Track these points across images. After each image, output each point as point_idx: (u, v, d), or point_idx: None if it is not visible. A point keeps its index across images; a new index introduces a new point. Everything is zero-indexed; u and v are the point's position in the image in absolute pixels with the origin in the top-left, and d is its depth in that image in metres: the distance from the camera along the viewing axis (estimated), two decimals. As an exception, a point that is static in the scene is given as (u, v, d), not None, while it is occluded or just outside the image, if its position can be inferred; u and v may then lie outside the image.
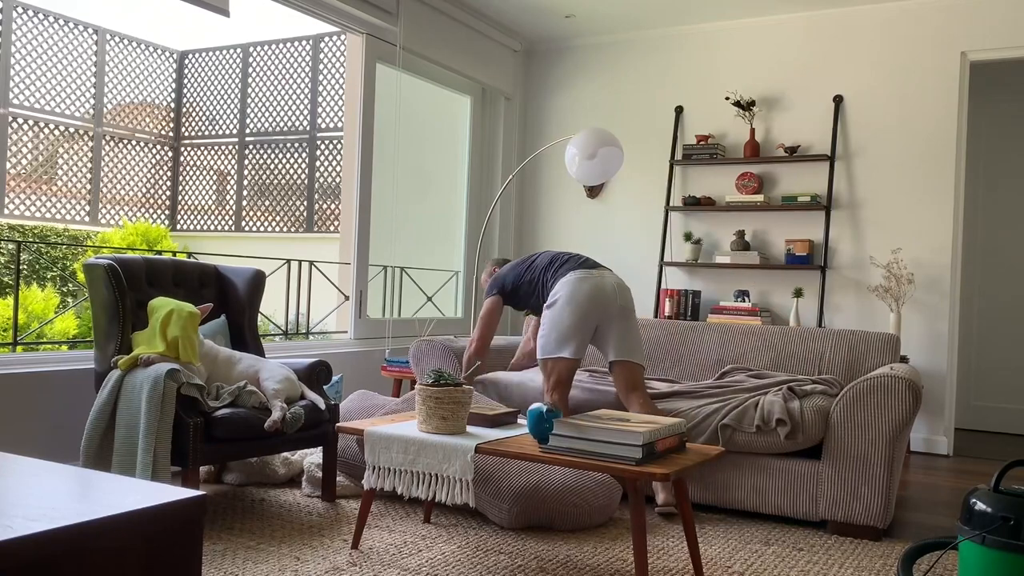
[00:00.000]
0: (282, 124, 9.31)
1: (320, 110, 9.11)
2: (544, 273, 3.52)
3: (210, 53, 9.70)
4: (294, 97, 9.23)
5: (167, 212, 9.81)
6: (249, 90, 9.50)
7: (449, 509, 3.33)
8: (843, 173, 5.27)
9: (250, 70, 9.49)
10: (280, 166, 9.35)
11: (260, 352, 3.65)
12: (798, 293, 5.21)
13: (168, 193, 9.81)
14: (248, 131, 9.53)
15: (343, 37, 8.58)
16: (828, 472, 3.22)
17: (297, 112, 9.23)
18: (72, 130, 8.71)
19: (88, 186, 8.86)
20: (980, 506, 2.38)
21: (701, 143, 5.54)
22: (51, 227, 8.54)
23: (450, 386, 2.68)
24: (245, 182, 9.57)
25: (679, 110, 5.75)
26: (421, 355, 4.11)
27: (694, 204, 5.54)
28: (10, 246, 7.93)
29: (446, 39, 5.41)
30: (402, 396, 3.75)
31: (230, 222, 9.65)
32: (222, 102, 9.65)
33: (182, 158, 9.88)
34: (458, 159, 6.09)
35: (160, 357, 3.02)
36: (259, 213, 9.49)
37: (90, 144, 8.86)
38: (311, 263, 5.39)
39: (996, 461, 4.87)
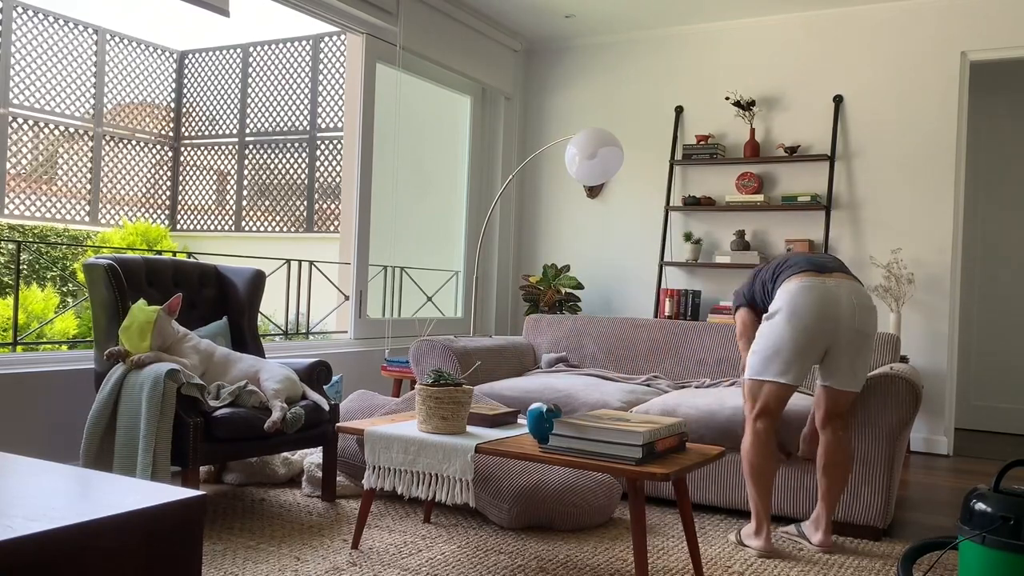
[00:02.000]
0: (282, 124, 9.31)
1: (320, 110, 9.11)
2: (772, 276, 3.00)
3: (210, 53, 9.70)
4: (294, 97, 9.23)
5: (167, 212, 9.81)
6: (249, 90, 9.50)
7: (449, 509, 3.33)
8: (843, 173, 5.27)
9: (250, 70, 9.49)
10: (280, 166, 9.35)
11: (260, 352, 3.65)
12: (798, 293, 5.20)
13: (168, 193, 9.82)
14: (248, 131, 9.53)
15: (343, 37, 8.59)
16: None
17: (297, 112, 9.23)
18: (72, 130, 8.71)
19: (88, 186, 8.86)
20: (980, 506, 2.38)
21: (701, 143, 5.54)
22: (51, 227, 8.54)
23: (450, 386, 2.68)
24: (245, 182, 9.57)
25: (679, 110, 5.75)
26: (421, 355, 4.11)
27: (694, 204, 5.54)
28: (10, 246, 7.93)
29: (446, 39, 5.41)
30: (402, 396, 3.75)
31: (230, 222, 9.65)
32: (222, 102, 9.65)
33: (182, 158, 9.88)
34: (458, 159, 6.09)
35: (154, 356, 3.02)
36: (259, 213, 9.49)
37: (90, 144, 8.86)
38: (311, 263, 5.39)
39: (996, 461, 4.87)
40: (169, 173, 9.80)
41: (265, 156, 9.46)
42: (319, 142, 9.13)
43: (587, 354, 4.49)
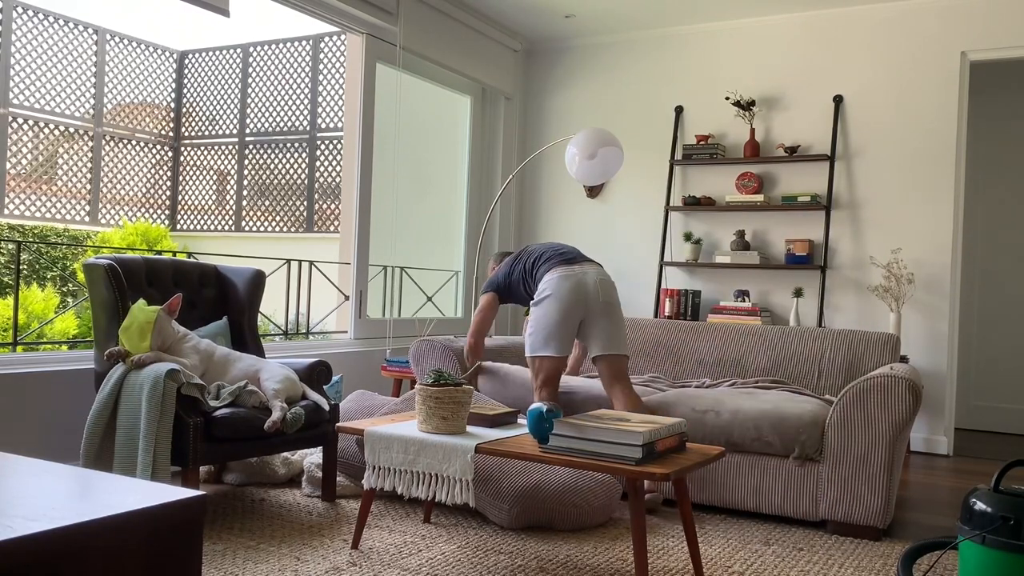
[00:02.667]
0: (282, 124, 9.31)
1: (320, 110, 9.11)
2: (531, 269, 3.59)
3: (210, 53, 9.70)
4: (294, 97, 9.23)
5: (167, 212, 9.81)
6: (249, 90, 9.50)
7: (449, 509, 3.33)
8: (843, 173, 5.27)
9: (250, 70, 9.49)
10: (280, 166, 9.35)
11: (260, 352, 3.65)
12: (798, 293, 5.21)
13: (168, 193, 9.82)
14: (248, 131, 9.53)
15: (343, 37, 8.59)
16: (828, 472, 3.22)
17: (297, 112, 9.23)
18: (72, 130, 8.71)
19: (88, 186, 8.86)
20: (980, 506, 2.38)
21: (701, 143, 5.54)
22: (51, 227, 8.54)
23: (450, 386, 2.68)
24: (245, 182, 9.57)
25: (679, 110, 5.75)
26: (421, 355, 4.11)
27: (694, 204, 5.54)
28: (10, 246, 7.93)
29: (446, 39, 5.41)
30: (402, 396, 3.75)
31: (230, 222, 9.65)
32: (222, 102, 9.65)
33: (182, 158, 9.88)
34: (458, 159, 6.09)
35: (155, 356, 3.02)
36: (259, 213, 9.49)
37: (90, 144, 8.86)
38: (311, 263, 5.39)
39: (996, 461, 4.87)
40: (169, 173, 9.80)
41: (265, 156, 9.46)
42: (319, 142, 9.13)
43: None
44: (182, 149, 9.88)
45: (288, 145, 9.29)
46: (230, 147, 9.63)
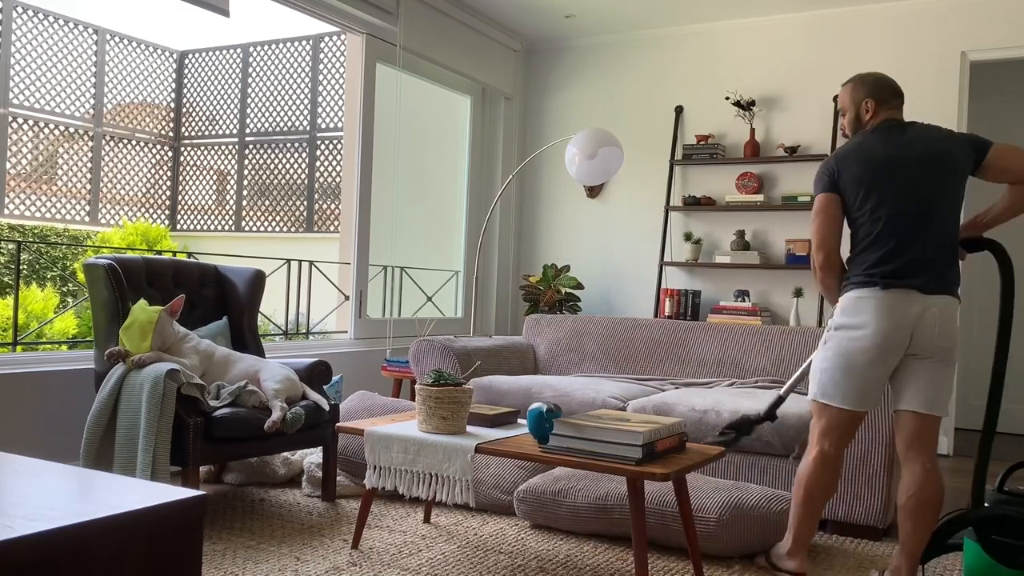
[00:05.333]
0: (282, 124, 9.31)
1: (320, 110, 9.11)
2: (860, 233, 2.59)
3: (210, 53, 9.70)
4: (294, 97, 9.23)
5: (167, 212, 9.81)
6: (249, 90, 9.50)
7: (449, 509, 3.33)
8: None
9: (250, 70, 9.49)
10: (280, 166, 9.35)
11: (260, 352, 3.65)
12: (798, 293, 5.21)
13: (168, 193, 9.82)
14: (248, 131, 9.53)
15: (343, 37, 8.59)
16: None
17: (297, 112, 9.23)
18: (72, 130, 8.71)
19: (88, 186, 8.86)
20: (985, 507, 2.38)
21: (701, 143, 5.54)
22: (51, 227, 8.54)
23: (450, 386, 2.68)
24: (245, 182, 9.57)
25: (679, 110, 5.75)
26: (421, 355, 4.12)
27: (694, 204, 5.54)
28: (10, 246, 7.93)
29: (446, 39, 5.41)
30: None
31: (230, 222, 9.65)
32: (222, 102, 9.65)
33: (182, 158, 9.88)
34: (458, 159, 6.09)
35: (155, 356, 3.03)
36: (259, 213, 9.49)
37: (90, 144, 8.86)
38: (311, 263, 5.39)
39: (997, 461, 4.87)
40: (169, 173, 9.80)
41: (265, 156, 9.46)
42: (319, 142, 9.13)
43: (587, 354, 4.49)
44: (182, 149, 9.88)
45: (288, 145, 9.29)
46: (230, 147, 9.63)
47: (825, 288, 2.65)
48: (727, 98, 5.51)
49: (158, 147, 9.68)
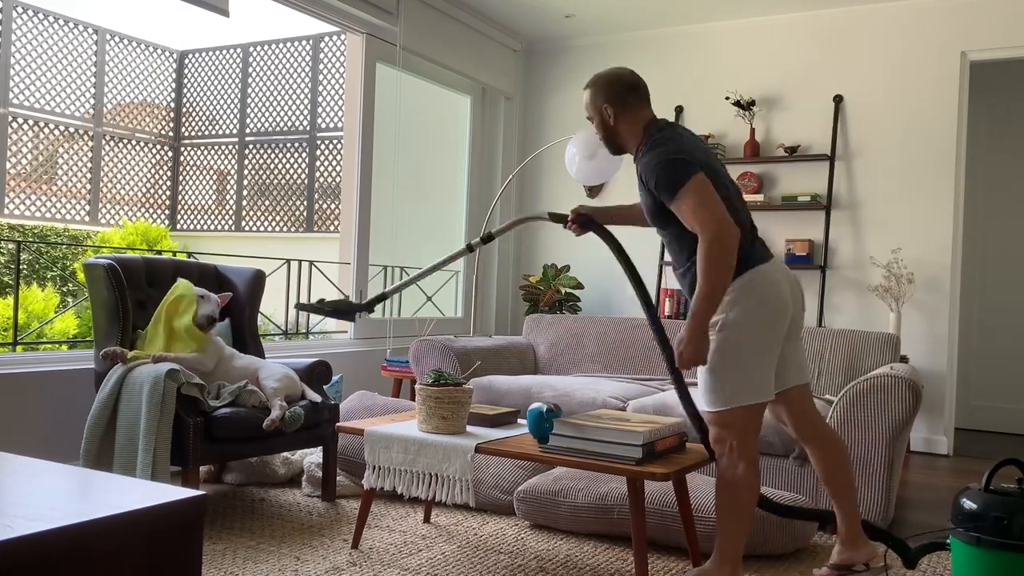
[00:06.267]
0: (282, 124, 9.31)
1: (320, 110, 9.11)
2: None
3: (210, 53, 9.70)
4: (294, 97, 9.23)
5: (167, 212, 9.81)
6: (249, 90, 9.50)
7: (449, 509, 3.33)
8: (843, 173, 5.27)
9: (250, 70, 9.49)
10: (280, 166, 9.35)
11: (260, 352, 3.65)
12: (798, 293, 5.21)
13: (168, 193, 9.82)
14: (248, 131, 9.53)
15: (343, 37, 8.58)
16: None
17: (297, 112, 9.23)
18: (72, 130, 8.71)
19: (88, 186, 8.86)
20: (971, 505, 2.38)
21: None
22: (51, 227, 8.54)
23: (450, 386, 2.69)
24: (245, 182, 9.57)
25: (679, 110, 5.75)
26: (421, 355, 4.12)
27: (694, 204, 5.53)
28: (10, 246, 7.93)
29: (446, 39, 5.41)
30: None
31: (230, 222, 9.65)
32: (222, 102, 9.65)
33: (182, 158, 9.88)
34: (458, 159, 6.08)
35: (174, 357, 3.04)
36: (259, 213, 9.49)
37: (90, 144, 8.86)
38: (311, 263, 5.39)
39: (993, 461, 4.87)
40: (169, 173, 9.80)
41: (265, 156, 9.46)
42: (319, 142, 9.13)
43: (587, 354, 4.49)
44: (182, 149, 9.88)
45: (288, 145, 9.29)
46: (230, 147, 9.63)
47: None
48: (727, 98, 5.51)
49: (158, 147, 9.68)
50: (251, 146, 9.53)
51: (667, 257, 5.65)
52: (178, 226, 9.83)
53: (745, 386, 2.34)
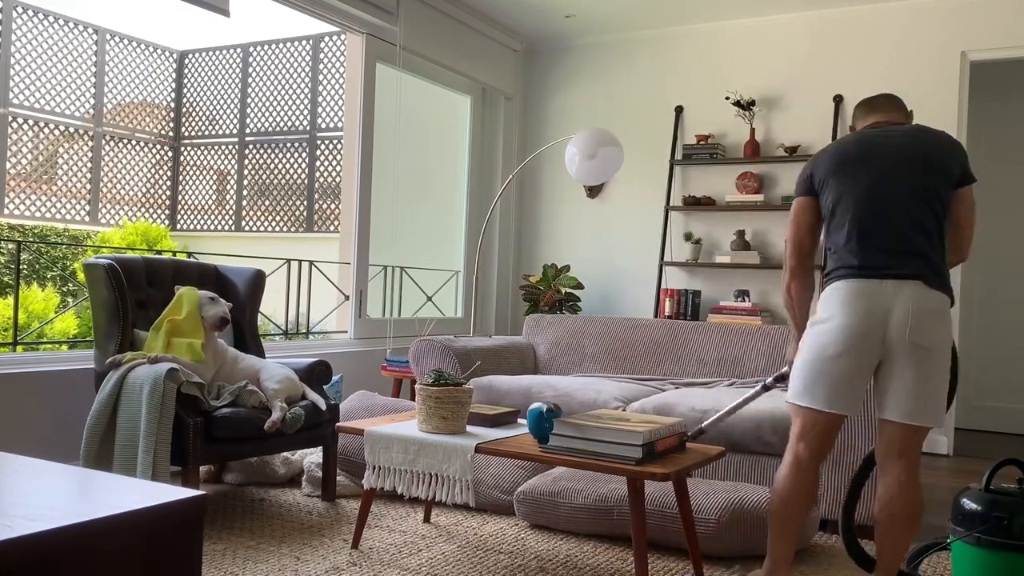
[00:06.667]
0: (282, 124, 9.31)
1: (320, 110, 9.10)
2: (831, 227, 2.43)
3: (210, 53, 9.70)
4: (294, 97, 9.23)
5: (167, 212, 9.81)
6: (249, 90, 9.50)
7: (449, 509, 3.33)
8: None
9: (250, 70, 9.49)
10: (280, 166, 9.35)
11: (260, 352, 3.65)
12: (798, 293, 5.20)
13: (168, 193, 9.82)
14: (248, 131, 9.53)
15: (343, 37, 8.58)
16: (828, 472, 3.22)
17: (297, 112, 9.23)
18: (72, 130, 8.71)
19: (88, 186, 8.86)
20: (971, 506, 2.38)
21: (701, 143, 5.54)
22: (51, 227, 8.54)
23: (450, 386, 2.68)
24: (245, 182, 9.57)
25: (679, 110, 5.75)
26: (421, 355, 4.12)
27: (694, 204, 5.54)
28: (10, 246, 7.93)
29: (446, 39, 5.41)
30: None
31: (230, 222, 9.65)
32: (222, 102, 9.65)
33: (182, 158, 9.88)
34: (458, 159, 6.08)
35: (172, 358, 3.03)
36: (259, 213, 9.49)
37: (90, 144, 8.86)
38: (311, 263, 5.39)
39: (993, 461, 4.87)
40: (169, 173, 9.80)
41: (265, 156, 9.46)
42: (319, 142, 9.12)
43: (587, 354, 4.49)
44: (182, 149, 9.88)
45: (288, 145, 9.29)
46: (230, 147, 9.63)
47: (789, 299, 2.49)
48: (727, 98, 5.51)
49: (158, 147, 9.68)
50: (251, 146, 9.53)
51: (667, 257, 5.66)
52: (178, 226, 9.83)
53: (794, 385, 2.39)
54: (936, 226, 2.32)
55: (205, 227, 9.74)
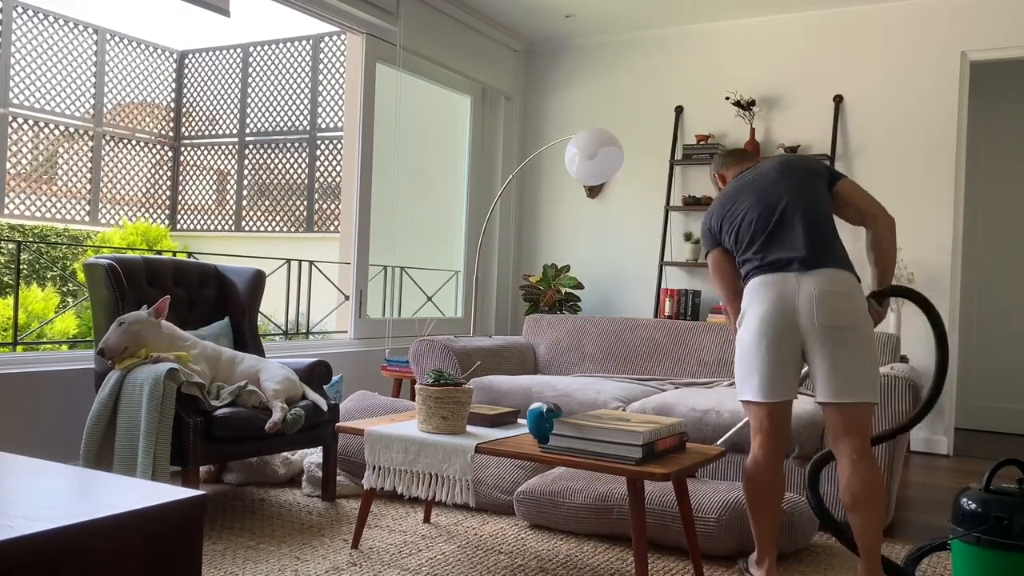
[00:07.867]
0: (282, 124, 9.31)
1: (320, 110, 9.11)
2: (739, 248, 2.62)
3: (210, 53, 9.70)
4: (294, 97, 9.23)
5: (167, 212, 9.81)
6: (249, 90, 9.50)
7: (449, 509, 3.33)
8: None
9: (250, 70, 9.49)
10: (280, 166, 9.35)
11: (260, 352, 3.65)
12: (798, 293, 5.21)
13: (168, 193, 9.82)
14: (248, 131, 9.53)
15: (343, 37, 8.58)
16: (828, 472, 3.22)
17: (297, 112, 9.23)
18: (72, 130, 8.71)
19: (88, 186, 8.86)
20: (971, 506, 2.38)
21: (701, 143, 5.54)
22: (51, 227, 8.54)
23: (450, 386, 2.68)
24: (245, 182, 9.57)
25: (679, 110, 5.75)
26: (421, 355, 4.12)
27: (694, 204, 5.54)
28: (10, 246, 7.93)
29: (446, 39, 5.41)
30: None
31: (230, 222, 9.65)
32: (222, 102, 9.65)
33: (182, 158, 9.88)
34: (458, 159, 6.09)
35: (174, 358, 3.03)
36: (259, 213, 9.49)
37: (90, 144, 8.86)
38: (311, 263, 5.39)
39: (993, 461, 4.87)
40: (169, 173, 9.80)
41: (265, 156, 9.46)
42: (319, 142, 9.13)
43: (587, 354, 4.49)
44: (182, 149, 9.88)
45: (288, 145, 9.29)
46: (230, 147, 9.63)
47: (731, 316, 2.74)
48: (727, 98, 5.51)
49: (158, 147, 9.68)
50: (251, 146, 9.53)
51: (667, 257, 5.66)
52: (178, 226, 9.83)
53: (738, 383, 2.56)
54: (824, 216, 2.57)
55: (205, 227, 9.74)
